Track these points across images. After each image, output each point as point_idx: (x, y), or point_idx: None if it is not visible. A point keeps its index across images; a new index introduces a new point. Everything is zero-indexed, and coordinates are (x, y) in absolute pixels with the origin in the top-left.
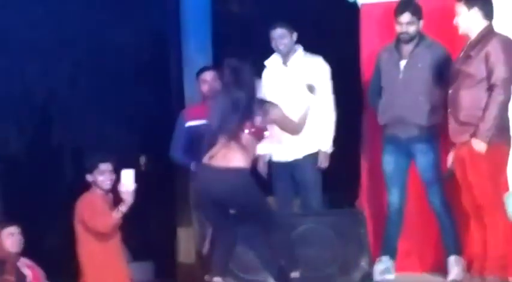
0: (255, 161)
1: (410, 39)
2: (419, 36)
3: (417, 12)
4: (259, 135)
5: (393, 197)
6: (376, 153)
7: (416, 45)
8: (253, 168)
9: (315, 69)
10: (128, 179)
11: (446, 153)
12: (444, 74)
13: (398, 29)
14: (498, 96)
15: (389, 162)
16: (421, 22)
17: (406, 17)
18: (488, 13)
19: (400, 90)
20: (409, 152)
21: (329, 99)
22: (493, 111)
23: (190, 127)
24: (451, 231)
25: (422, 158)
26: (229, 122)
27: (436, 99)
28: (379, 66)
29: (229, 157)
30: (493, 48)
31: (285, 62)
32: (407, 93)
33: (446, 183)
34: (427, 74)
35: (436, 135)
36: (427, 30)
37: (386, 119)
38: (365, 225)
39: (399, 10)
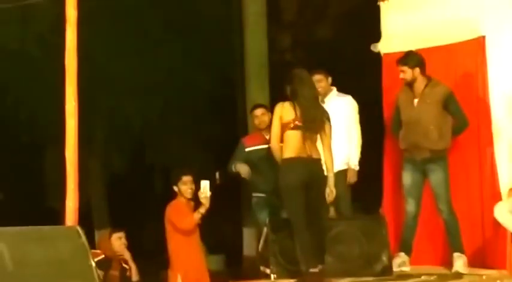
0: None
1: (408, 83)
2: (428, 79)
3: (409, 62)
4: None
5: (410, 206)
6: (396, 170)
7: (425, 86)
8: None
9: (346, 106)
10: (205, 188)
11: (453, 171)
12: (448, 107)
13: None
14: None
15: (407, 178)
16: (417, 69)
17: (400, 67)
18: None
19: (415, 121)
20: (423, 171)
21: (357, 129)
22: None
23: (248, 151)
24: (455, 233)
25: (434, 176)
26: (313, 118)
27: (444, 127)
28: (398, 104)
29: (313, 150)
30: None
31: (322, 100)
32: (420, 124)
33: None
34: (435, 108)
35: (445, 157)
36: (433, 74)
37: (405, 145)
38: (386, 227)
39: (397, 61)
